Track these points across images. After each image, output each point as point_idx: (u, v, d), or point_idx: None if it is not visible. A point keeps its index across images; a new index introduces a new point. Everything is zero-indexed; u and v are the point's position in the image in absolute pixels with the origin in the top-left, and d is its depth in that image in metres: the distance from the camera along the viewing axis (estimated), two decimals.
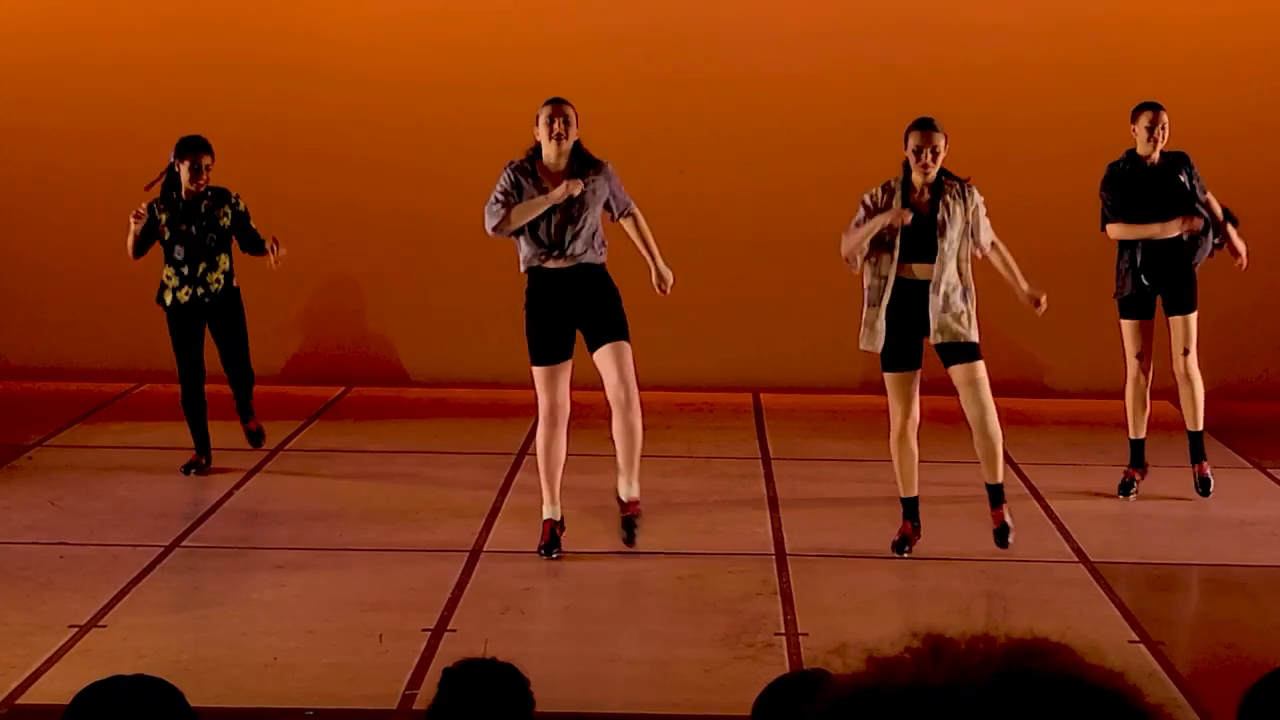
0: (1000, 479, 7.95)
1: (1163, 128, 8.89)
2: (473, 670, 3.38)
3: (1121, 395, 9.25)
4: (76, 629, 6.76)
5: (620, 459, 7.93)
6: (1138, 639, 6.85)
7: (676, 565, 7.84)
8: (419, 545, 8.09)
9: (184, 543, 8.10)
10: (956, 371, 7.79)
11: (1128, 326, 9.02)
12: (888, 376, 7.85)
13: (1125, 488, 9.11)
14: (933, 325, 7.70)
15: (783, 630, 6.92)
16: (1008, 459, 10.04)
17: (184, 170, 9.14)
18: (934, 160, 7.73)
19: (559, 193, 7.76)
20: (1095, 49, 11.84)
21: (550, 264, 7.87)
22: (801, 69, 11.91)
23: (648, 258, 8.19)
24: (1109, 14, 11.86)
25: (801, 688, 3.01)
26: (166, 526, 8.31)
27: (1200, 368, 9.09)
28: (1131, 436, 9.12)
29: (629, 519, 7.93)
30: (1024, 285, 8.04)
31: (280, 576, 7.59)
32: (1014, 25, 11.86)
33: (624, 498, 7.96)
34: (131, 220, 9.16)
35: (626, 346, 7.86)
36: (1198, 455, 9.10)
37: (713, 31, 11.92)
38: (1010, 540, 7.92)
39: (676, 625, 7.01)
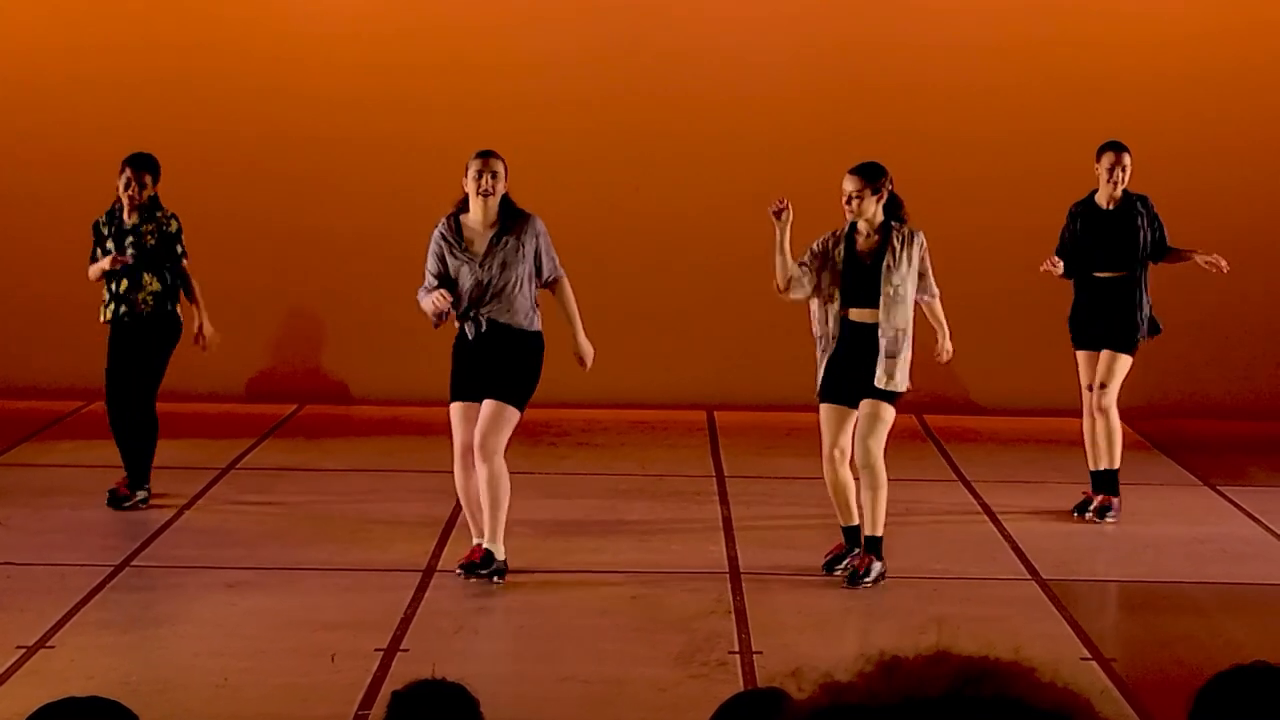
0: (880, 532, 7.80)
1: (1123, 169, 8.92)
2: (421, 691, 3.36)
3: (1079, 414, 9.30)
4: (24, 650, 6.69)
5: (482, 501, 7.75)
6: (1089, 656, 6.88)
7: (630, 584, 7.83)
8: (371, 564, 8.06)
9: (133, 562, 8.04)
10: (866, 404, 7.79)
11: (1080, 358, 9.10)
12: (822, 407, 7.90)
13: (1080, 507, 9.14)
14: (879, 370, 7.71)
15: (737, 649, 6.91)
16: (960, 477, 10.09)
17: (119, 182, 8.95)
18: (855, 207, 7.76)
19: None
20: (1054, 71, 11.91)
21: (468, 326, 7.79)
22: (760, 89, 11.94)
23: (570, 329, 7.97)
24: (1070, 36, 11.93)
25: (756, 706, 3.01)
26: (116, 546, 8.25)
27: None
28: (1091, 468, 9.15)
29: (467, 565, 7.71)
30: (947, 341, 8.15)
31: (231, 596, 7.54)
32: (975, 46, 11.90)
33: (473, 541, 7.83)
34: (110, 261, 8.90)
35: (506, 409, 7.67)
36: (1110, 489, 9.04)
37: (672, 51, 11.94)
38: (864, 583, 7.73)
39: (630, 644, 7.00)
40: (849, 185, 7.80)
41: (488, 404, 7.72)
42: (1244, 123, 11.93)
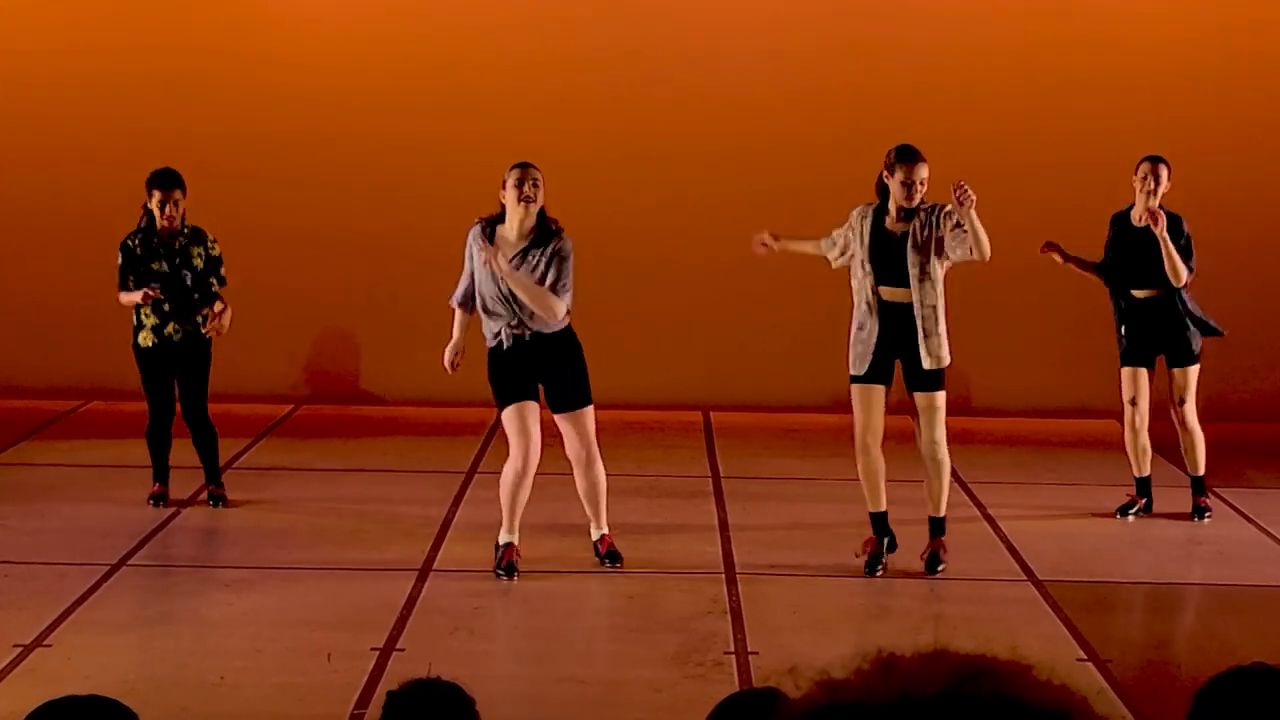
0: (944, 512, 8.04)
1: (1155, 180, 8.88)
2: (417, 691, 3.35)
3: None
4: (21, 648, 6.70)
5: (588, 509, 8.08)
6: (1085, 657, 6.89)
7: (626, 584, 7.84)
8: (368, 564, 8.06)
9: (131, 561, 8.04)
10: (920, 398, 7.88)
11: (1124, 374, 9.10)
12: (855, 387, 7.92)
13: (1124, 509, 9.20)
14: (922, 351, 7.77)
15: (733, 649, 6.92)
16: (955, 478, 10.10)
17: (154, 205, 8.95)
18: (921, 189, 7.81)
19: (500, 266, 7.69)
20: (1055, 70, 11.90)
21: (507, 339, 7.84)
22: (759, 90, 11.94)
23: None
24: (1071, 36, 11.93)
25: (752, 705, 3.01)
26: (114, 545, 8.25)
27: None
28: (1136, 475, 9.21)
29: (610, 553, 8.08)
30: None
31: (228, 595, 7.54)
32: (975, 46, 11.90)
33: (595, 537, 8.14)
34: (143, 296, 8.83)
35: (587, 412, 7.95)
36: (1197, 491, 9.21)
37: (672, 53, 11.94)
38: (939, 569, 8.01)
39: (626, 644, 7.01)
40: (922, 172, 7.79)
41: (567, 418, 7.88)
42: (1243, 124, 11.93)
